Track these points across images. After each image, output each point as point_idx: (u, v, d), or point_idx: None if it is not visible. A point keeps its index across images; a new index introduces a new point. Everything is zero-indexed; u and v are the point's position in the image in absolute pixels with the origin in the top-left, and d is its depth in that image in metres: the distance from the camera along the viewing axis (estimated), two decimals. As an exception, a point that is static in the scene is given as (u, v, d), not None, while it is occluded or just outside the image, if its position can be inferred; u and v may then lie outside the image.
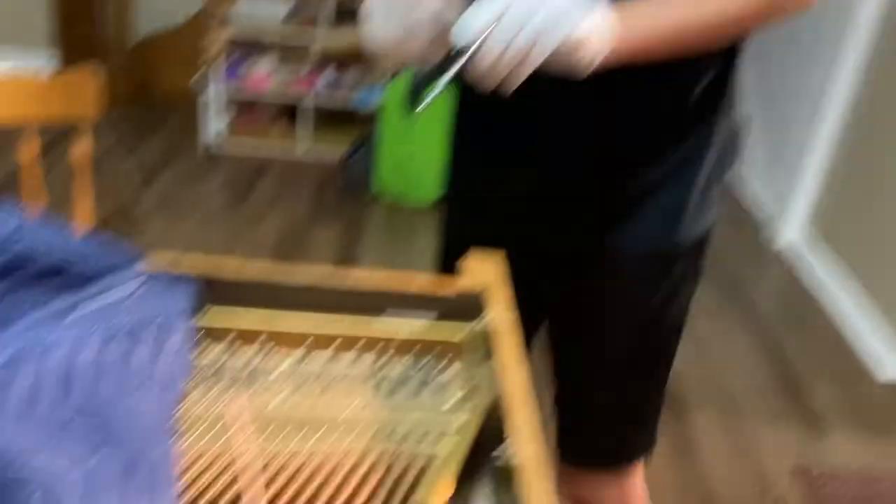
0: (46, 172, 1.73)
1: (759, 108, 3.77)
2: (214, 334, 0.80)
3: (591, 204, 1.03)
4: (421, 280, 0.87)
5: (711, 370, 2.65)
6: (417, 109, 0.80)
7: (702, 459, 2.25)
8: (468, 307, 0.86)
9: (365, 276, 0.88)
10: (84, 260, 0.77)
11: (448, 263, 1.17)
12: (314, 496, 0.66)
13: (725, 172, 1.06)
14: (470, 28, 0.75)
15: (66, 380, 0.66)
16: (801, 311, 3.10)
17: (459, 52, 0.76)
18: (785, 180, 3.51)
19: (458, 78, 0.78)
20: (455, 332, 0.86)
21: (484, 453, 0.74)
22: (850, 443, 2.37)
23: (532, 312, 0.93)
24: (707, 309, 2.94)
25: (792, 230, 3.46)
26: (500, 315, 0.80)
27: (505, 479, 0.62)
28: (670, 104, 0.97)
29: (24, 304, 0.75)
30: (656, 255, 1.04)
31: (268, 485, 0.67)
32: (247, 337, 0.83)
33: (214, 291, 0.81)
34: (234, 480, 0.67)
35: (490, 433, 0.75)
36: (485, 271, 0.88)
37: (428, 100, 0.79)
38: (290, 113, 3.94)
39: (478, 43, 0.75)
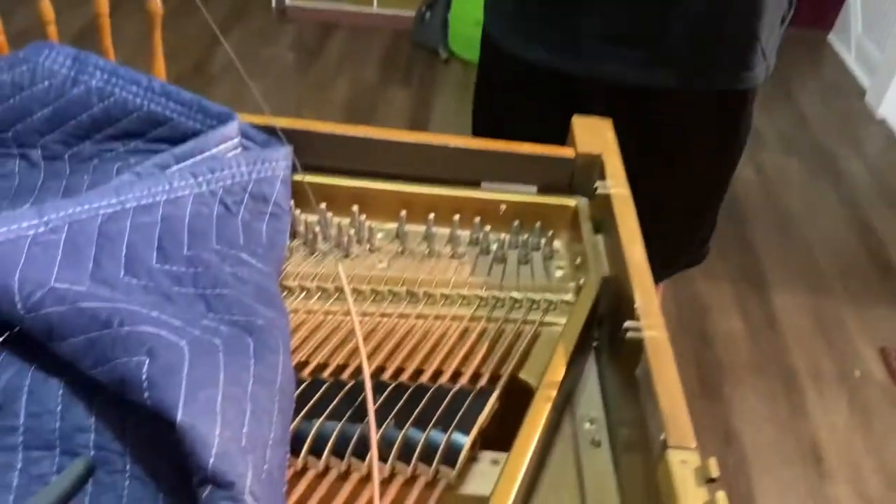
0: (116, 31, 1.68)
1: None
2: (308, 201, 0.76)
3: (664, 43, 1.01)
4: (524, 147, 0.81)
5: (798, 245, 2.55)
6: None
7: (783, 335, 2.20)
8: (576, 177, 0.80)
9: (463, 142, 0.82)
10: (179, 115, 0.73)
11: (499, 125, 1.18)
12: (422, 364, 0.64)
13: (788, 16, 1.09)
14: None
15: (169, 238, 0.64)
16: (899, 186, 2.92)
17: None
18: (892, 42, 3.22)
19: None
20: (562, 203, 0.80)
21: (597, 328, 0.71)
22: (942, 324, 2.28)
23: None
24: (797, 180, 2.79)
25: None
26: (614, 186, 0.74)
27: (630, 353, 0.59)
28: None
29: (119, 159, 0.72)
30: (725, 95, 1.09)
31: (373, 352, 0.65)
32: (341, 205, 0.79)
33: (308, 155, 0.77)
34: (338, 346, 0.65)
35: (605, 308, 0.71)
36: (594, 139, 0.81)
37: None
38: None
39: None
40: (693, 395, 1.95)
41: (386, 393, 0.59)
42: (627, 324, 0.59)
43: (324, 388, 0.58)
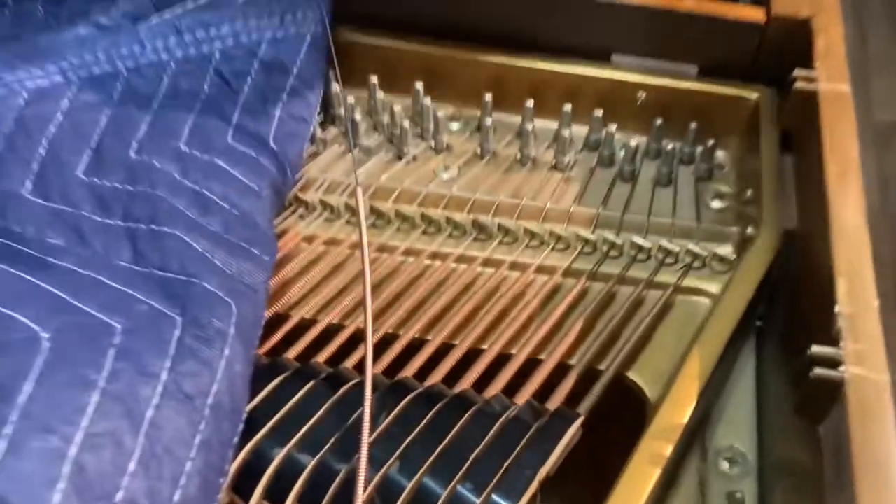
0: None
1: None
2: (352, 72, 0.53)
3: None
4: (684, 1, 0.53)
5: None
6: None
7: None
8: (764, 55, 0.51)
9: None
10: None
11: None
12: (477, 343, 0.43)
13: None
14: None
15: (116, 131, 0.44)
16: None
17: None
18: None
19: None
20: (736, 95, 0.52)
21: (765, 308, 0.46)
22: None
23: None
24: None
25: None
26: (827, 78, 0.45)
27: (815, 395, 0.34)
28: None
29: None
30: None
31: (401, 323, 0.44)
32: (399, 79, 0.55)
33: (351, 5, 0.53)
34: (359, 302, 0.45)
35: (782, 282, 0.45)
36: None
37: None
38: None
39: None
40: None
41: (401, 407, 0.37)
42: (816, 350, 0.33)
43: (305, 390, 0.38)
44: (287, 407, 0.37)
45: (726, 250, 0.47)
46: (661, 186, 0.53)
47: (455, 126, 0.57)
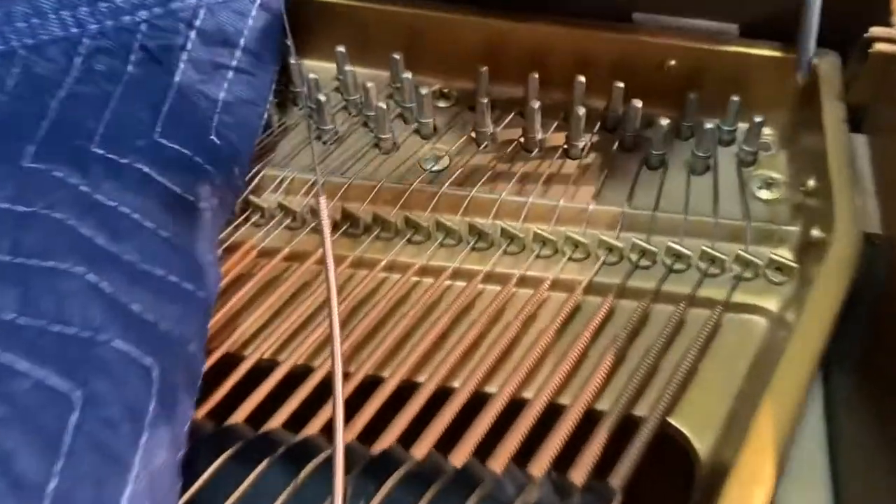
0: None
1: None
2: (311, 46, 0.44)
3: None
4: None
5: None
6: None
7: None
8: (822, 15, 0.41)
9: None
10: None
11: None
12: (480, 385, 0.34)
13: None
14: None
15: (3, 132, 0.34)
16: None
17: None
18: None
19: None
20: (785, 57, 0.43)
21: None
22: None
23: None
24: None
25: None
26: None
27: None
28: None
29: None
30: None
31: (383, 362, 0.35)
32: (373, 49, 0.46)
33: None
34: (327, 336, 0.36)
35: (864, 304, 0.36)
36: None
37: None
38: None
39: None
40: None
41: (386, 493, 0.28)
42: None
43: (258, 471, 0.29)
44: (234, 498, 0.28)
45: (785, 255, 0.38)
46: (697, 175, 0.43)
47: (444, 105, 0.47)
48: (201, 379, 0.31)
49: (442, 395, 0.34)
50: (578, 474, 0.31)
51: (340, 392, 0.30)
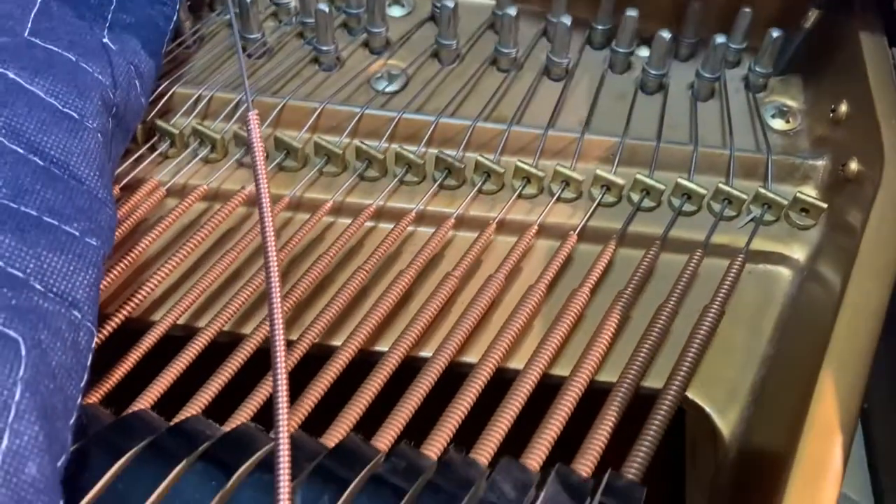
0: None
1: None
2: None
3: None
4: None
5: None
6: None
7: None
8: None
9: None
10: None
11: None
12: (458, 354, 0.28)
13: None
14: None
15: None
16: None
17: None
18: None
19: None
20: None
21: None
22: None
23: None
24: None
25: None
26: None
27: None
28: None
29: None
30: None
31: (334, 325, 0.29)
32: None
33: None
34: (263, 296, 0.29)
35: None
36: None
37: None
38: None
39: None
40: None
41: (350, 493, 0.22)
42: None
43: (174, 474, 0.22)
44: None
45: (811, 194, 0.33)
46: (701, 101, 0.38)
47: (399, 12, 0.40)
48: (93, 354, 0.24)
49: (409, 369, 0.28)
50: (584, 465, 0.25)
51: (283, 367, 0.23)
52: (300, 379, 0.27)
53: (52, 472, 0.20)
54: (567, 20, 0.36)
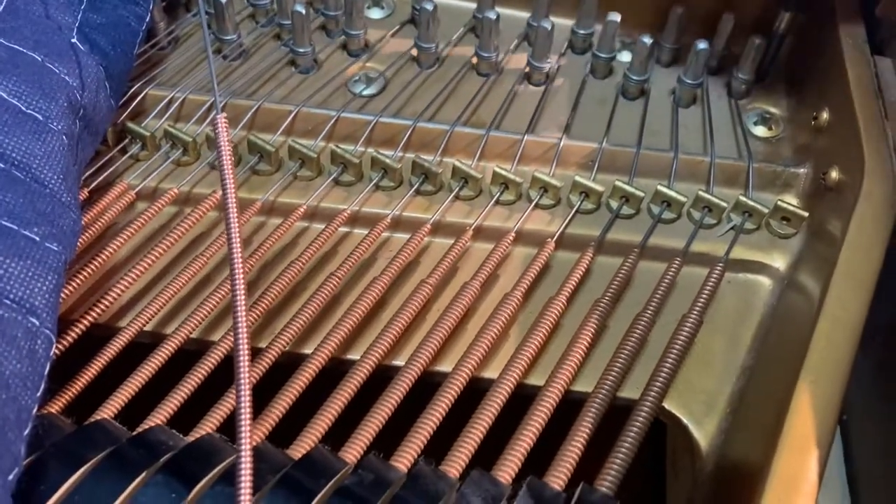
0: None
1: None
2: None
3: None
4: None
5: None
6: None
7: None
8: None
9: None
10: None
11: None
12: (432, 363, 0.27)
13: None
14: None
15: None
16: None
17: None
18: None
19: None
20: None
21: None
22: None
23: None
24: None
25: None
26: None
27: None
28: None
29: None
30: None
31: (304, 334, 0.28)
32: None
33: None
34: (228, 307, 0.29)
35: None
36: None
37: None
38: None
39: None
40: None
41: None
42: None
43: (134, 485, 0.22)
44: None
45: (792, 202, 0.33)
46: (682, 107, 0.38)
47: (378, 14, 0.40)
48: (52, 362, 0.23)
49: (381, 378, 0.27)
50: (557, 478, 0.25)
51: (247, 376, 0.23)
52: (269, 388, 0.26)
53: (1, 486, 0.19)
54: (548, 24, 0.36)
